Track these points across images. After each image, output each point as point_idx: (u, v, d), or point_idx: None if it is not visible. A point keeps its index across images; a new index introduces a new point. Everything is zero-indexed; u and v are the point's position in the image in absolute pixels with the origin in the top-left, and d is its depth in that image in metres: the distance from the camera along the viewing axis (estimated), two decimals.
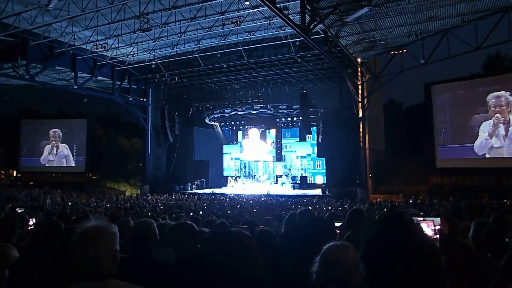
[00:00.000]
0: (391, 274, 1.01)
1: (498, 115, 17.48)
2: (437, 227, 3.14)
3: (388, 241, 1.06)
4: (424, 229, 2.77)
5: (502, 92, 17.45)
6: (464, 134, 18.48)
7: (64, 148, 27.16)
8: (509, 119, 17.24)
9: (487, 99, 17.77)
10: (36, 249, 2.74)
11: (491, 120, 17.66)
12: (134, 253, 2.55)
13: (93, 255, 1.49)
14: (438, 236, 3.03)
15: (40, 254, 2.55)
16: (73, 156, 27.01)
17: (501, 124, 17.39)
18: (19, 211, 8.48)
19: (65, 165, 27.12)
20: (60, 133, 27.25)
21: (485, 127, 17.81)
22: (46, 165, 27.15)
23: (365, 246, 1.12)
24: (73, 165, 26.96)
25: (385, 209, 9.43)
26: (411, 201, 14.83)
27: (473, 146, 18.06)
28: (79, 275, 1.49)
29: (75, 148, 27.03)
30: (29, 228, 4.70)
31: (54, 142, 27.23)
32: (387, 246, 1.05)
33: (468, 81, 19.48)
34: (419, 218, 3.29)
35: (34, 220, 5.14)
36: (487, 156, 17.75)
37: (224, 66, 21.58)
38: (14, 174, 29.65)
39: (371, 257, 1.07)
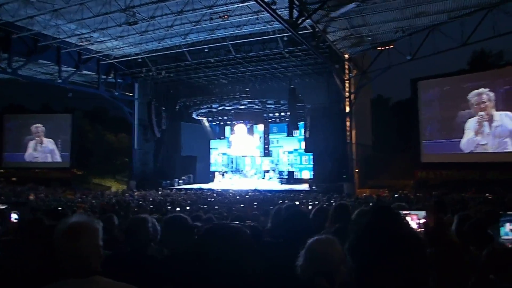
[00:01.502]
0: (378, 265, 1.01)
1: (482, 112, 17.79)
2: (422, 220, 3.18)
3: (376, 233, 1.06)
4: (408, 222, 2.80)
5: (481, 90, 17.79)
6: (450, 129, 18.78)
7: (48, 143, 26.73)
8: (492, 115, 17.57)
9: (468, 97, 18.08)
10: (20, 245, 2.69)
11: (476, 117, 17.97)
12: (130, 250, 2.52)
13: (78, 251, 1.47)
14: (422, 229, 3.07)
15: (24, 250, 2.51)
16: (58, 151, 26.61)
17: (485, 122, 17.70)
18: (2, 207, 8.33)
19: (50, 160, 26.71)
20: (43, 128, 26.80)
21: (471, 124, 18.11)
22: (31, 161, 26.71)
23: (352, 238, 1.12)
24: (59, 160, 26.56)
25: (370, 204, 9.53)
26: (396, 195, 15.03)
27: (459, 142, 18.35)
28: (64, 271, 1.47)
29: (59, 143, 26.63)
30: (13, 221, 4.63)
31: (37, 137, 26.78)
32: (375, 237, 1.05)
33: (454, 77, 19.78)
34: (404, 212, 3.33)
35: (16, 215, 5.06)
36: (472, 152, 18.08)
37: (212, 60, 21.44)
38: None
39: (359, 249, 1.08)
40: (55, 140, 26.71)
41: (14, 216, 4.92)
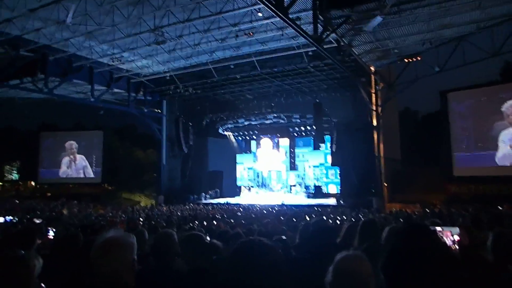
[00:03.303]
0: (413, 284, 1.00)
1: None
2: (456, 237, 3.08)
3: (412, 252, 1.05)
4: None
5: None
6: (484, 141, 18.12)
7: (81, 160, 27.65)
8: None
9: (502, 108, 17.43)
10: (56, 260, 2.79)
11: (511, 129, 17.27)
12: (156, 264, 2.56)
13: (112, 265, 1.52)
14: (457, 247, 2.96)
15: (60, 265, 2.60)
16: (91, 167, 27.47)
17: None
18: (37, 221, 8.65)
19: (82, 176, 27.58)
20: (76, 145, 27.77)
21: (505, 137, 17.39)
22: (66, 177, 27.68)
23: (387, 256, 1.11)
24: (92, 176, 27.38)
25: (400, 219, 9.29)
26: (428, 210, 14.55)
27: (493, 155, 17.66)
28: (98, 286, 1.52)
29: (94, 159, 27.50)
30: (49, 237, 4.79)
31: (71, 154, 27.75)
32: (410, 257, 1.04)
33: (486, 88, 19.15)
34: (438, 228, 3.24)
35: (53, 231, 5.24)
36: (508, 165, 17.35)
37: (238, 77, 21.74)
38: (33, 185, 30.21)
39: (393, 268, 1.07)
40: (87, 156, 27.61)
41: (51, 233, 5.09)
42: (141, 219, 11.50)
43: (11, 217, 11.37)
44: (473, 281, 2.04)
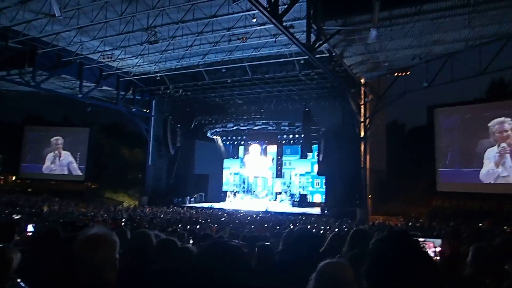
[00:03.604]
0: None
1: (504, 144, 17.34)
2: (438, 249, 3.12)
3: (395, 258, 1.06)
4: None
5: (503, 118, 17.46)
6: (469, 158, 18.38)
7: (66, 156, 27.21)
8: None
9: (489, 125, 17.74)
10: (35, 255, 2.73)
11: (496, 148, 17.57)
12: (132, 263, 2.53)
13: (94, 262, 1.50)
14: (438, 257, 3.00)
15: (40, 261, 2.55)
16: (76, 164, 27.07)
17: (507, 154, 17.22)
18: (16, 217, 8.47)
19: (67, 172, 27.14)
20: (62, 141, 27.33)
21: (491, 155, 17.65)
22: (49, 173, 27.18)
23: (370, 262, 1.12)
24: (78, 173, 26.97)
25: (384, 232, 9.36)
26: (410, 223, 14.72)
27: (477, 172, 17.93)
28: (80, 282, 1.49)
29: (78, 156, 27.09)
30: (28, 233, 4.69)
31: (56, 150, 27.30)
32: (392, 263, 1.05)
33: (473, 106, 19.53)
34: (420, 239, 3.27)
35: (33, 226, 5.14)
36: (492, 183, 17.64)
37: (229, 81, 21.77)
38: (14, 180, 29.60)
39: (375, 274, 1.08)
40: (73, 152, 27.18)
41: (29, 228, 4.99)
42: (123, 220, 11.36)
43: None
44: None
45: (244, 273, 1.21)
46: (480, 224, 13.50)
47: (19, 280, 1.82)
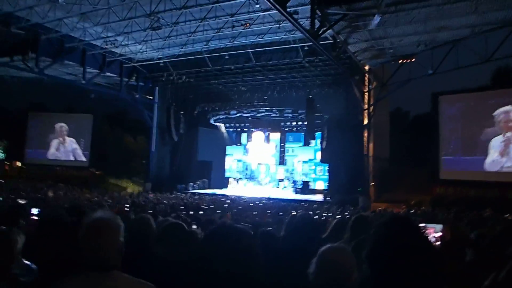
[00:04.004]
0: (394, 274, 1.03)
1: (509, 133, 17.16)
2: (439, 234, 3.14)
3: (394, 242, 1.08)
4: None
5: (509, 107, 17.26)
6: (473, 146, 18.26)
7: (71, 142, 27.33)
8: None
9: (494, 114, 17.56)
10: (41, 239, 2.77)
11: (501, 136, 17.43)
12: (133, 247, 2.57)
13: (99, 246, 1.52)
14: (439, 242, 3.03)
15: (45, 244, 2.59)
16: (81, 150, 27.22)
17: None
18: (22, 202, 8.55)
19: (72, 159, 27.31)
20: (67, 128, 27.43)
21: (495, 144, 17.50)
22: (55, 159, 27.38)
23: (370, 246, 1.13)
24: (83, 159, 27.14)
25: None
26: (412, 211, 14.75)
27: (482, 160, 17.82)
28: (85, 265, 1.52)
29: (82, 142, 27.22)
30: (33, 217, 4.75)
31: (60, 137, 27.42)
32: (393, 247, 1.07)
33: (478, 93, 19.31)
34: (421, 224, 3.30)
35: (37, 210, 5.20)
36: (495, 171, 17.56)
37: (232, 67, 21.65)
38: (19, 166, 29.80)
39: (376, 257, 1.09)
40: (77, 139, 27.31)
41: (34, 211, 5.05)
42: (127, 206, 11.46)
43: None
44: (452, 276, 2.08)
45: (254, 260, 1.21)
46: (482, 212, 13.51)
47: (25, 261, 1.86)
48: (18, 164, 29.36)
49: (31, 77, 22.54)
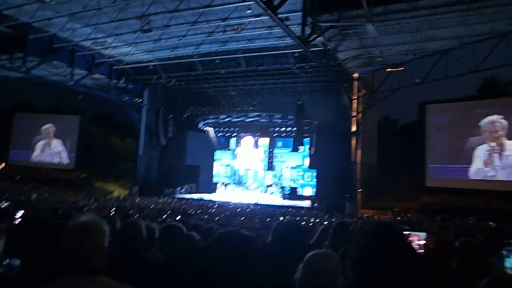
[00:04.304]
0: (379, 281, 1.03)
1: (493, 143, 17.48)
2: (422, 242, 3.16)
3: (378, 250, 1.08)
4: None
5: (495, 117, 17.58)
6: (459, 155, 18.56)
7: (57, 144, 26.95)
8: (503, 144, 17.34)
9: (480, 123, 17.89)
10: (23, 241, 2.71)
11: (486, 146, 17.70)
12: (122, 252, 2.54)
13: (84, 250, 1.50)
14: (422, 250, 3.05)
15: (28, 247, 2.53)
16: (66, 153, 26.84)
17: (495, 154, 17.39)
18: (4, 204, 8.38)
19: (57, 161, 26.90)
20: (54, 129, 27.05)
21: (480, 153, 17.81)
22: (38, 162, 26.95)
23: (355, 253, 1.13)
24: (68, 161, 26.75)
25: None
26: (398, 218, 14.90)
27: (466, 168, 18.12)
28: (69, 269, 1.49)
29: (68, 144, 26.85)
30: (16, 220, 4.65)
31: (47, 138, 27.02)
32: (377, 254, 1.07)
33: (465, 103, 19.67)
34: (405, 232, 3.32)
35: (20, 213, 5.09)
36: (480, 179, 17.85)
37: (222, 72, 21.64)
38: (2, 167, 29.25)
39: (360, 264, 1.09)
40: (64, 141, 26.95)
41: (19, 214, 4.94)
42: (113, 209, 11.33)
43: None
44: (436, 284, 2.09)
45: (259, 267, 1.19)
46: (466, 220, 13.72)
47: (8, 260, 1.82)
48: (1, 165, 28.83)
49: (18, 77, 22.21)
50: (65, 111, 31.46)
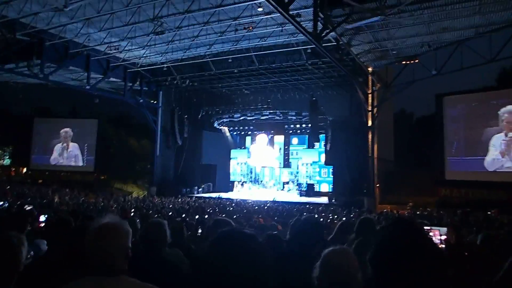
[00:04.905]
0: (398, 277, 1.03)
1: (511, 133, 17.17)
2: (443, 237, 3.13)
3: (398, 245, 1.08)
4: None
5: None
6: (476, 147, 18.19)
7: (74, 148, 27.47)
8: None
9: (499, 112, 17.49)
10: (47, 245, 2.80)
11: (503, 136, 17.33)
12: (145, 252, 2.59)
13: (107, 250, 1.54)
14: (443, 245, 3.01)
15: (51, 249, 2.61)
16: (83, 156, 27.33)
17: None
18: (28, 208, 8.59)
19: (73, 164, 27.44)
20: (71, 133, 27.59)
21: (496, 142, 17.43)
22: (56, 164, 27.54)
23: (375, 249, 1.14)
24: (83, 164, 27.26)
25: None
26: (418, 212, 14.69)
27: (483, 160, 17.78)
28: (91, 269, 1.54)
29: (86, 147, 27.35)
30: (40, 224, 4.78)
31: (65, 142, 27.58)
32: (397, 249, 1.07)
33: (481, 93, 19.23)
34: (426, 227, 3.29)
35: (44, 217, 5.23)
36: (496, 170, 17.48)
37: (235, 71, 21.71)
38: (24, 171, 30.02)
39: (380, 260, 1.10)
40: (81, 144, 27.46)
41: (42, 218, 5.07)
42: (132, 210, 11.49)
43: (1, 202, 11.33)
44: (457, 278, 2.08)
45: (262, 265, 1.18)
46: (488, 213, 13.42)
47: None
48: (24, 169, 29.59)
49: (36, 82, 22.70)
50: (82, 114, 32.05)
